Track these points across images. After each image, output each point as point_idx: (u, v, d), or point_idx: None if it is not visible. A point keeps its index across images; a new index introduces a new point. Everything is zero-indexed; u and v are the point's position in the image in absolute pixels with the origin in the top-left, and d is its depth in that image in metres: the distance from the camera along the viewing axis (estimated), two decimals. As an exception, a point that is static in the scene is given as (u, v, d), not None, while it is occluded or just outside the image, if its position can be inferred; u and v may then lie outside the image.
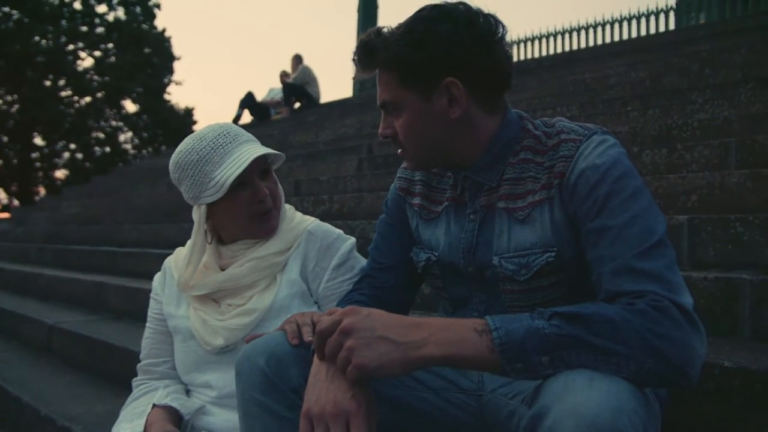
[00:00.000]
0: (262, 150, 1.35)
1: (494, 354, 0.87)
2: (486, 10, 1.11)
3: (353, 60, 1.16)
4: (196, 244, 1.40)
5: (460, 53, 1.08)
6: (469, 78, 1.09)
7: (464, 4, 1.11)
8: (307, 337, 1.08)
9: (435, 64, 1.08)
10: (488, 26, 1.09)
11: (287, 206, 1.50)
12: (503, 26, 1.10)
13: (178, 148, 1.37)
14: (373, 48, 1.12)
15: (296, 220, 1.47)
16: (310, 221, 1.48)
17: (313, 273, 1.43)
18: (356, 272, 1.41)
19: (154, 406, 1.36)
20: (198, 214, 1.37)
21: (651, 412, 0.88)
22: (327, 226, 1.48)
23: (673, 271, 0.95)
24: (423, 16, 1.10)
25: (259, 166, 1.37)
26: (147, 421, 1.33)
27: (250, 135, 1.42)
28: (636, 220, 0.98)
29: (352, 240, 1.47)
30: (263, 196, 1.37)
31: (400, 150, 1.19)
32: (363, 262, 1.45)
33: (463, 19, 1.08)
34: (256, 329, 1.36)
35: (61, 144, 23.79)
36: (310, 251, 1.43)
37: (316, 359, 1.00)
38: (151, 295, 1.54)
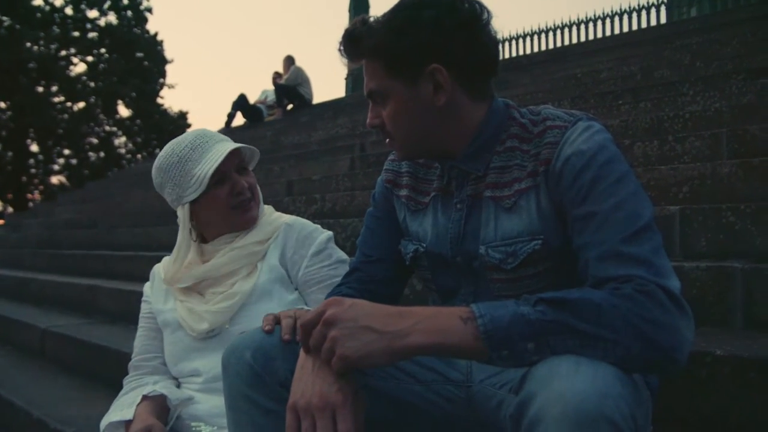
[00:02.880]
0: (236, 144, 1.45)
1: (479, 341, 0.86)
2: None
3: (339, 50, 1.14)
4: (182, 242, 1.49)
5: (444, 39, 1.06)
6: (454, 64, 1.07)
7: None
8: (286, 335, 1.08)
9: (419, 51, 1.07)
10: (473, 11, 1.08)
11: (266, 206, 1.59)
12: (488, 11, 1.09)
13: (159, 155, 1.48)
14: (358, 37, 1.11)
15: (274, 216, 1.57)
16: (288, 216, 1.57)
17: (292, 261, 1.50)
18: (334, 260, 1.49)
19: (144, 398, 1.39)
20: (182, 214, 1.46)
21: (639, 398, 0.87)
22: (304, 220, 1.57)
23: (660, 256, 0.94)
24: (405, 4, 1.09)
25: (236, 162, 1.47)
26: (135, 411, 1.36)
27: (225, 136, 1.52)
28: (622, 205, 0.97)
29: (329, 233, 1.55)
30: (242, 188, 1.46)
31: (388, 140, 1.18)
32: (340, 252, 1.52)
33: (447, 4, 1.07)
34: (240, 312, 1.43)
35: (55, 150, 23.73)
36: (288, 241, 1.51)
37: (302, 351, 0.99)
38: (143, 299, 1.63)
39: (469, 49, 1.08)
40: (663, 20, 11.44)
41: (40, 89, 22.39)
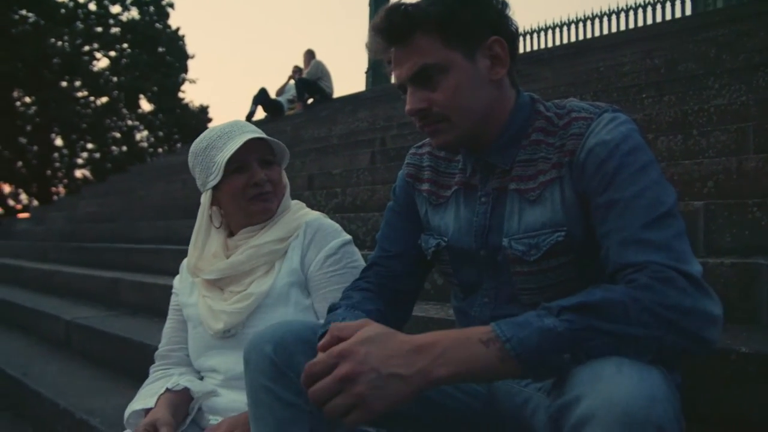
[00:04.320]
0: (255, 134, 1.44)
1: (506, 363, 0.84)
2: None
3: (379, 31, 1.08)
4: (201, 226, 1.50)
5: (500, 14, 1.09)
6: (508, 40, 1.09)
7: None
8: None
9: (482, 22, 1.07)
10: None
11: (296, 202, 1.57)
12: None
13: (195, 140, 1.49)
14: (412, 11, 1.06)
15: (300, 213, 1.54)
16: (313, 215, 1.54)
17: (307, 261, 1.47)
18: (341, 266, 1.44)
19: (167, 390, 1.42)
20: (204, 199, 1.47)
21: (679, 399, 0.86)
22: (328, 220, 1.53)
23: (681, 241, 0.93)
24: None
25: (260, 154, 1.46)
26: (157, 401, 1.39)
27: (260, 130, 1.49)
28: (644, 192, 0.97)
29: (347, 237, 1.50)
30: (259, 179, 1.44)
31: (432, 126, 1.11)
32: (353, 258, 1.47)
33: None
34: (256, 315, 1.42)
35: (79, 144, 24.07)
36: (306, 241, 1.48)
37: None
38: (172, 290, 1.65)
39: (513, 27, 1.11)
40: (688, 11, 11.25)
41: (64, 84, 22.71)
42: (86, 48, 23.26)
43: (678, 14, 11.31)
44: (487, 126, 1.12)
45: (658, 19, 11.44)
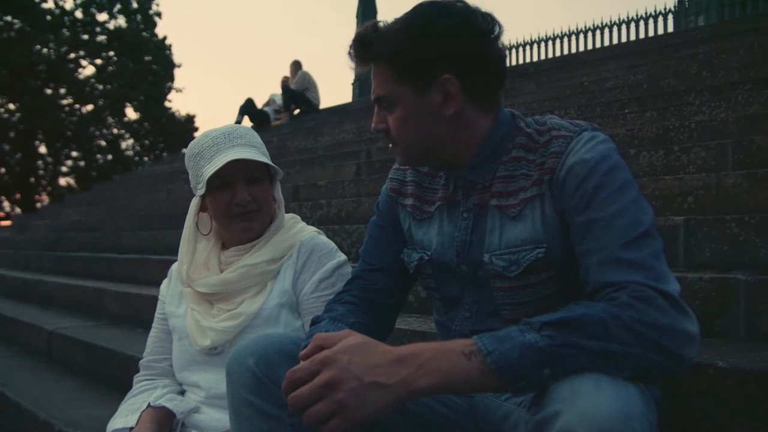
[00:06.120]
0: (241, 155, 1.37)
1: (487, 376, 0.86)
2: (483, 9, 1.11)
3: (349, 53, 1.14)
4: (189, 233, 1.48)
5: (458, 50, 1.08)
6: (465, 75, 1.09)
7: (462, 1, 1.11)
8: None
9: (432, 60, 1.08)
10: (485, 24, 1.09)
11: (291, 216, 1.54)
12: (499, 25, 1.11)
13: (192, 141, 1.46)
14: (370, 41, 1.10)
15: (294, 230, 1.50)
16: (308, 232, 1.50)
17: (300, 282, 1.45)
18: (336, 289, 1.38)
19: (149, 405, 1.40)
20: (193, 203, 1.46)
21: (656, 414, 0.88)
22: (323, 239, 1.50)
23: (658, 260, 0.95)
24: (421, 11, 1.10)
25: (246, 172, 1.41)
26: (139, 419, 1.37)
27: (257, 141, 1.46)
28: (624, 212, 0.99)
29: (343, 258, 1.48)
30: (241, 199, 1.41)
31: (391, 145, 1.18)
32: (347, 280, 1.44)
33: (462, 15, 1.08)
34: (245, 334, 1.39)
35: (63, 152, 23.86)
36: (299, 261, 1.46)
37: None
38: (159, 297, 1.61)
39: (480, 61, 1.10)
40: (670, 28, 11.43)
41: (49, 91, 22.52)
42: (72, 55, 23.12)
43: (660, 31, 11.48)
44: (449, 152, 1.14)
45: (641, 35, 11.61)
